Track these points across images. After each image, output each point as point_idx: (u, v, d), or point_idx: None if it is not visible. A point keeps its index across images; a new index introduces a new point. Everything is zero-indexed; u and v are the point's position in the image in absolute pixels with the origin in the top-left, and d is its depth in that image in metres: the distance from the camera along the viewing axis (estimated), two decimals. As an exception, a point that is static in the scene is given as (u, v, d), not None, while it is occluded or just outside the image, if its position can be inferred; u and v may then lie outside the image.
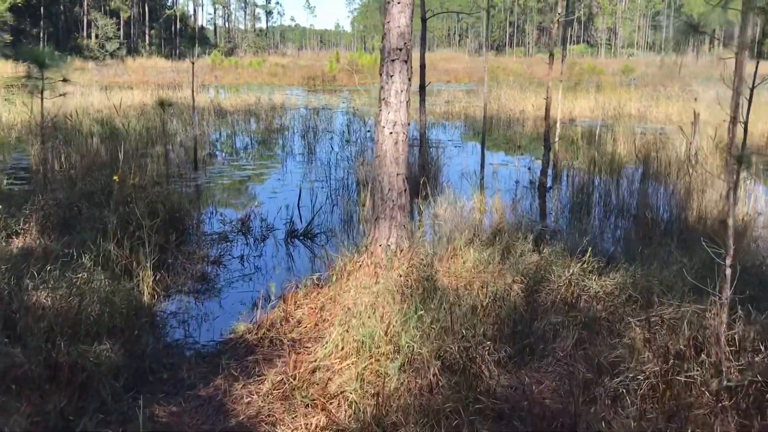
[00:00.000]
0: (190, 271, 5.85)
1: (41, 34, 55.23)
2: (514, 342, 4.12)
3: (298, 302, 4.96)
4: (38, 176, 7.63)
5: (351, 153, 12.38)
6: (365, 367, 3.76)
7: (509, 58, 68.16)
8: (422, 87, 10.29)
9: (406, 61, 5.16)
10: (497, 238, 6.14)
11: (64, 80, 6.61)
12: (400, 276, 4.95)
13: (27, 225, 6.19)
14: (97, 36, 62.03)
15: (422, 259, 5.10)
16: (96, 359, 3.70)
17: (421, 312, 4.19)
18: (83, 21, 62.62)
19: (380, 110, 5.26)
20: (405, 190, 5.29)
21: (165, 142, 10.58)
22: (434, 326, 4.05)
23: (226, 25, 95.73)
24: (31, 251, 5.88)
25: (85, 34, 62.33)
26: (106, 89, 24.53)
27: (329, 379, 3.83)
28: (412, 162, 10.01)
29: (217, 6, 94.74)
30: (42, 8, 55.74)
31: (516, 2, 32.77)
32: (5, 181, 8.86)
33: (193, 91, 11.29)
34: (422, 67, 10.14)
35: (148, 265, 5.13)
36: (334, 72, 40.78)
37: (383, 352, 3.88)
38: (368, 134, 15.68)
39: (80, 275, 4.50)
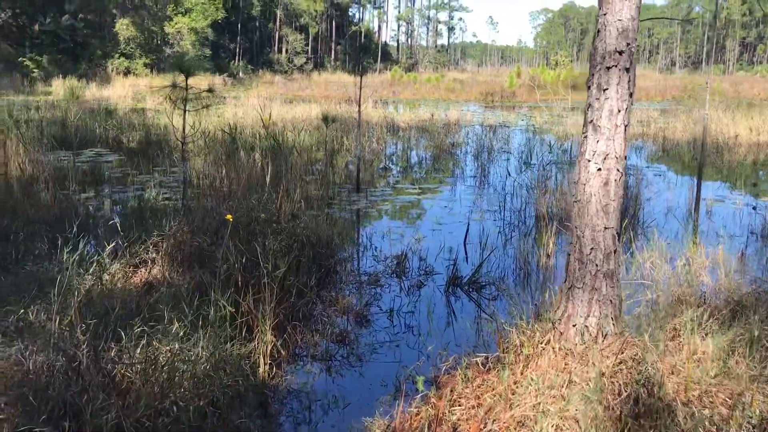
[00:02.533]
0: (327, 329, 4.74)
1: (237, 49, 59.14)
2: None
3: (455, 394, 3.63)
4: (185, 194, 7.01)
5: (530, 179, 10.86)
6: None
7: (704, 77, 61.84)
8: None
9: (627, 70, 3.65)
10: (736, 315, 4.40)
11: (209, 90, 5.88)
12: (603, 376, 3.45)
13: (157, 253, 5.47)
14: (286, 51, 65.39)
15: (635, 353, 3.56)
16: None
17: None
18: (275, 36, 66.34)
19: (585, 136, 3.79)
20: (615, 252, 3.77)
21: (326, 162, 9.76)
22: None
23: (409, 41, 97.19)
24: (152, 286, 5.11)
25: (276, 48, 65.98)
26: (290, 102, 25.03)
27: None
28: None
29: (400, 22, 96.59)
30: (239, 25, 59.71)
31: (717, 15, 28.97)
32: (161, 195, 8.48)
33: (359, 107, 10.42)
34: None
35: (267, 326, 4.06)
36: (513, 88, 39.06)
37: None
38: (550, 157, 14.04)
39: (173, 344, 3.50)
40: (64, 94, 27.40)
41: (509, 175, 11.77)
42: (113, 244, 5.19)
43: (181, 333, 3.63)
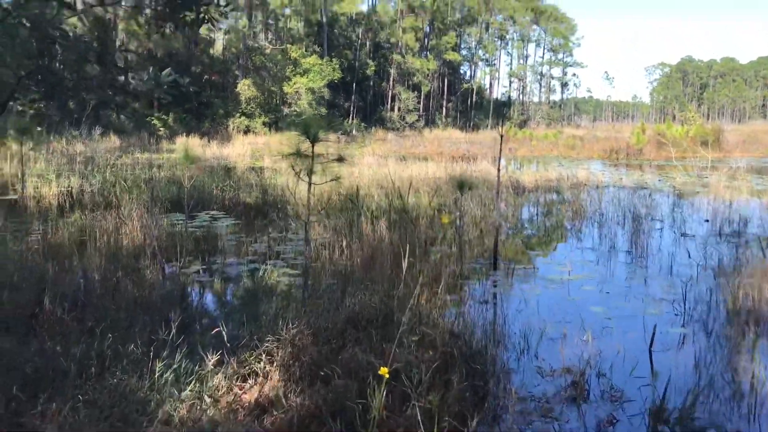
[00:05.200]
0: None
1: (351, 108, 60.02)
2: None
3: None
4: (306, 285, 5.88)
5: (698, 255, 9.12)
6: None
7: None
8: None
9: None
10: None
11: (339, 159, 4.81)
12: None
13: (271, 364, 4.34)
14: (399, 109, 65.78)
15: None
16: None
17: None
18: (388, 95, 67.02)
19: None
20: None
21: (459, 239, 8.47)
22: None
23: (521, 98, 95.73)
24: (265, 409, 3.95)
25: (388, 107, 66.56)
26: (403, 159, 24.23)
27: None
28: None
29: (512, 79, 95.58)
30: (354, 84, 60.74)
31: None
32: (276, 272, 7.47)
33: (498, 169, 9.11)
34: None
35: None
36: (640, 144, 36.55)
37: None
38: (708, 225, 12.14)
39: None
40: (179, 155, 28.03)
41: (661, 242, 10.02)
42: (217, 356, 4.10)
43: None
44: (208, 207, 13.44)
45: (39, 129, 29.51)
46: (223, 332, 4.68)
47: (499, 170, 8.94)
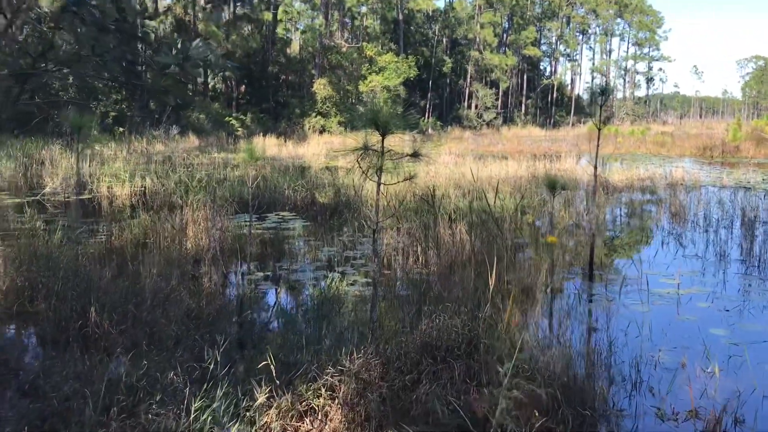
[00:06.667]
0: None
1: (427, 106, 59.15)
2: None
3: None
4: (374, 291, 5.08)
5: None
6: None
7: None
8: None
9: None
10: None
11: (414, 155, 4.03)
12: None
13: (333, 400, 3.61)
14: (476, 106, 64.44)
15: None
16: None
17: None
18: (465, 92, 65.75)
19: None
20: None
21: (550, 245, 7.52)
22: None
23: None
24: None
25: (465, 104, 65.29)
26: (481, 158, 23.22)
27: None
28: None
29: (595, 75, 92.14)
30: (430, 82, 59.84)
31: None
32: (344, 281, 6.75)
33: (595, 168, 8.08)
34: None
35: None
36: (737, 141, 34.04)
37: None
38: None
39: None
40: (243, 155, 27.94)
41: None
42: (270, 387, 3.41)
43: None
44: (279, 208, 12.96)
45: (121, 129, 30.24)
46: (279, 357, 4.00)
47: (596, 168, 7.92)
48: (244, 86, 46.96)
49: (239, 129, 39.52)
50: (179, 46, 32.65)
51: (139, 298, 5.45)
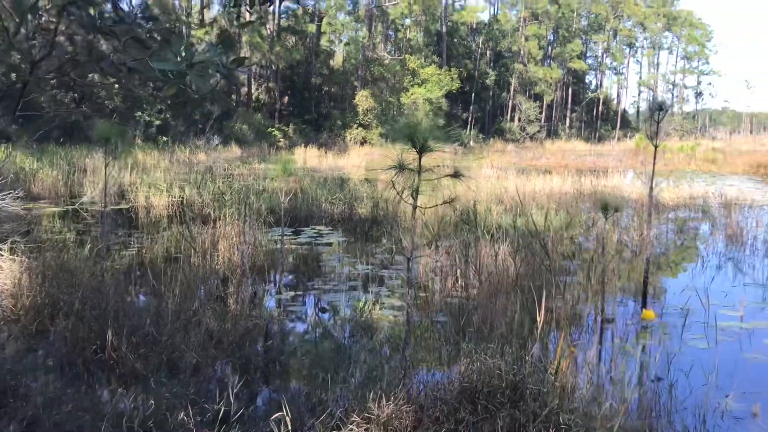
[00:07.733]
0: None
1: (469, 118, 58.57)
2: None
3: None
4: (407, 325, 4.63)
5: None
6: None
7: None
8: None
9: None
10: None
11: (455, 175, 3.63)
12: None
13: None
14: (519, 119, 63.59)
15: None
16: None
17: None
18: (508, 105, 64.96)
19: None
20: None
21: (597, 263, 6.99)
22: None
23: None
24: None
25: (508, 117, 64.49)
26: (524, 172, 22.64)
27: None
28: None
29: (641, 88, 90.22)
30: (473, 94, 59.29)
31: None
32: (378, 305, 6.34)
33: (651, 187, 7.54)
34: None
35: None
36: (794, 158, 32.66)
37: None
38: None
39: None
40: (277, 166, 27.77)
41: None
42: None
43: None
44: (316, 221, 12.68)
45: (165, 138, 30.51)
46: (301, 396, 3.62)
47: (651, 189, 7.38)
48: (287, 97, 47.20)
49: (281, 140, 39.62)
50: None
51: (161, 320, 5.16)
